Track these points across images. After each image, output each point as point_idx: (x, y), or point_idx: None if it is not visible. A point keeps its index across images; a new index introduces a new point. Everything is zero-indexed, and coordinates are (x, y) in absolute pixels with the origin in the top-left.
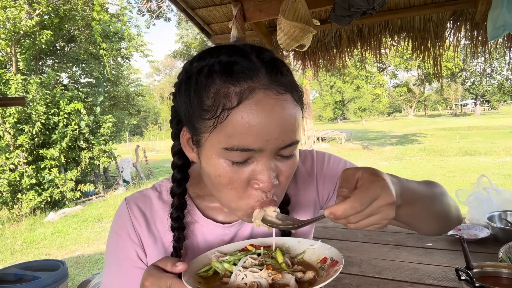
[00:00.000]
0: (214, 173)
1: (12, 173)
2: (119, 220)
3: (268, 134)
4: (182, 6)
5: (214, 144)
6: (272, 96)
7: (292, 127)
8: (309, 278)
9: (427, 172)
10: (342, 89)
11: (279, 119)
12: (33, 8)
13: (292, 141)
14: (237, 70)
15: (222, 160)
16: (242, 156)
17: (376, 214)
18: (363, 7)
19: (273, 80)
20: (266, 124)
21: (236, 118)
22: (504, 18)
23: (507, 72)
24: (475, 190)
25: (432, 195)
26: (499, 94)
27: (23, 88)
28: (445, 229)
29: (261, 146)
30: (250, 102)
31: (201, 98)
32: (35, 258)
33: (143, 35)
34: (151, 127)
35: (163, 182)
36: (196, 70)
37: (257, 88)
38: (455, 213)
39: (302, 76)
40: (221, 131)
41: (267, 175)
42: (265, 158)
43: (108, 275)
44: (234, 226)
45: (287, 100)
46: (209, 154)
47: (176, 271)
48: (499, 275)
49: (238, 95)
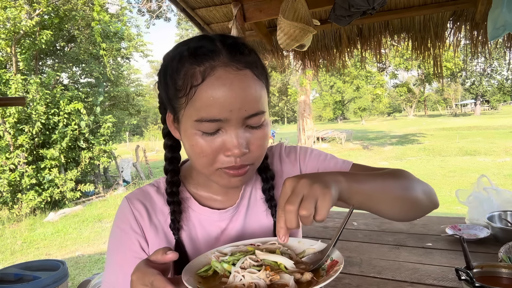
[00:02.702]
0: (189, 143)
1: (12, 173)
2: (121, 215)
3: (231, 105)
4: (182, 6)
5: (188, 118)
6: (231, 72)
7: (253, 98)
8: (307, 279)
9: (427, 172)
10: (342, 89)
11: (239, 91)
12: (33, 8)
13: (255, 111)
14: (201, 53)
15: (195, 131)
16: (211, 126)
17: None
18: (363, 7)
19: (232, 59)
20: (228, 96)
21: (202, 93)
22: (504, 18)
23: (507, 72)
24: (475, 190)
25: (391, 182)
26: (499, 94)
27: (23, 88)
28: (416, 212)
29: (226, 116)
30: (212, 78)
31: (174, 80)
32: (35, 258)
33: (143, 35)
34: (151, 127)
35: (161, 179)
36: (170, 58)
37: (218, 66)
38: (425, 196)
39: (302, 76)
40: (191, 106)
41: (236, 142)
42: (233, 127)
43: (110, 270)
44: (229, 212)
45: (246, 75)
46: (185, 128)
47: (166, 260)
48: (499, 275)
49: (202, 73)
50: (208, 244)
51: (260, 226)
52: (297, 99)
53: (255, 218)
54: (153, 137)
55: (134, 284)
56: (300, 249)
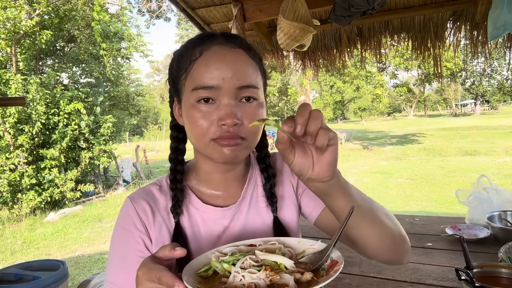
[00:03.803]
0: (187, 116)
1: (12, 173)
2: (124, 215)
3: (223, 73)
4: (182, 6)
5: (187, 91)
6: (226, 48)
7: (246, 71)
8: (307, 279)
9: (427, 172)
10: (342, 89)
11: (232, 63)
12: (33, 8)
13: (247, 83)
14: (201, 37)
15: (192, 102)
16: (205, 93)
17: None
18: (363, 7)
19: (228, 40)
20: (221, 65)
21: (199, 65)
22: (504, 18)
23: (507, 72)
24: (475, 190)
25: (378, 206)
26: (499, 94)
27: (23, 88)
28: (392, 246)
29: (219, 83)
30: (208, 52)
31: (179, 64)
32: (35, 258)
33: (143, 35)
34: (151, 127)
35: (163, 177)
36: (178, 51)
37: (214, 44)
38: (401, 239)
39: (302, 76)
40: (190, 77)
41: (228, 110)
42: (226, 97)
43: (113, 270)
44: (231, 209)
45: (239, 52)
46: (185, 102)
47: (175, 256)
48: (499, 275)
49: (200, 50)
50: (211, 242)
51: (262, 223)
52: (297, 99)
53: (257, 215)
54: (153, 137)
55: (140, 279)
56: (300, 249)
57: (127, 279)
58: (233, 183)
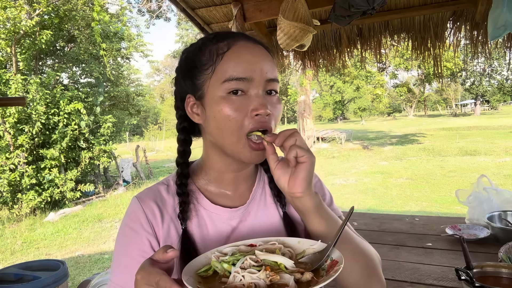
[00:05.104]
0: (217, 109)
1: (12, 173)
2: (131, 215)
3: (254, 65)
4: (182, 6)
5: (214, 84)
6: (251, 43)
7: (272, 66)
8: (307, 279)
9: (427, 172)
10: (342, 89)
11: (260, 56)
12: (33, 8)
13: (274, 76)
14: (222, 34)
15: (223, 94)
16: (238, 84)
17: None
18: (363, 7)
19: (249, 38)
20: (251, 58)
21: (229, 57)
22: (505, 18)
23: (507, 72)
24: (475, 190)
25: (360, 242)
26: (499, 94)
27: (23, 88)
28: (368, 277)
29: (251, 74)
30: (236, 46)
31: (199, 59)
32: (35, 258)
33: (143, 35)
34: (151, 127)
35: (170, 176)
36: (191, 48)
37: (239, 40)
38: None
39: (302, 76)
40: (219, 71)
41: (262, 101)
42: (257, 88)
43: (119, 271)
44: (240, 210)
45: (262, 48)
46: (212, 95)
47: (167, 258)
48: (499, 275)
49: (227, 44)
50: (219, 242)
51: (270, 222)
52: (297, 99)
53: (265, 216)
54: (153, 137)
55: (138, 283)
56: (300, 249)
57: (131, 281)
58: (243, 183)
